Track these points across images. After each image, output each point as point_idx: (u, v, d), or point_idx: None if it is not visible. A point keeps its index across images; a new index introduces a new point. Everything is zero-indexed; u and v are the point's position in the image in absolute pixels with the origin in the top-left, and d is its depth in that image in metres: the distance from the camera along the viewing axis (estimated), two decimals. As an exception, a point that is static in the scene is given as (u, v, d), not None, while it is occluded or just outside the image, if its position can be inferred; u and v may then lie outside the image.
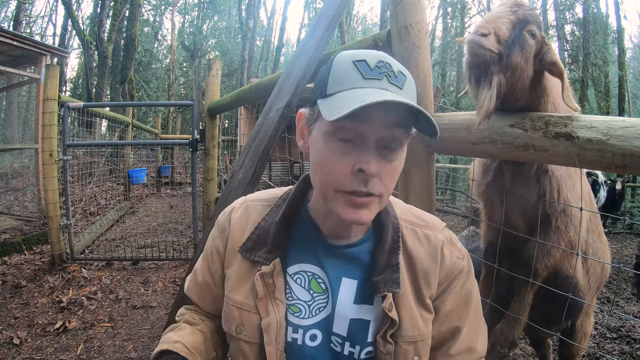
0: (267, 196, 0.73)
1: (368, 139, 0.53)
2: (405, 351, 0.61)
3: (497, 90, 0.87)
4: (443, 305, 0.65)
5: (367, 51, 0.57)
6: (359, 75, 0.54)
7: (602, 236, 1.36)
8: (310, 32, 1.64)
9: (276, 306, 0.63)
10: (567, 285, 1.14)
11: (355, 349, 0.63)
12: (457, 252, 0.68)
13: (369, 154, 0.53)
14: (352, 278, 0.64)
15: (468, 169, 4.03)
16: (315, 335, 0.64)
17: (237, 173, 1.65)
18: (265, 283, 0.63)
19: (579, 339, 1.40)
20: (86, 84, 11.73)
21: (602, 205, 5.63)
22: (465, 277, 0.67)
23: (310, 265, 0.66)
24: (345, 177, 0.54)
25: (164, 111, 16.08)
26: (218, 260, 0.71)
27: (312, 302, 0.65)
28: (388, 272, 0.62)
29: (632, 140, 0.70)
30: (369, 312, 0.64)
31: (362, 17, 26.34)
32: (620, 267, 1.07)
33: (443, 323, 0.65)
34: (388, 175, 0.56)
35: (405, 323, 0.62)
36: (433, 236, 0.67)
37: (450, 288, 0.65)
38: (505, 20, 0.87)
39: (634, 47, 22.91)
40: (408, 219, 0.69)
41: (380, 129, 0.53)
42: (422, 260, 0.65)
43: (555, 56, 0.91)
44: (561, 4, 14.12)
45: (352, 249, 0.65)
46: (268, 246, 0.65)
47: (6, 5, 14.38)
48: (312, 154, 0.60)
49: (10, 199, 5.86)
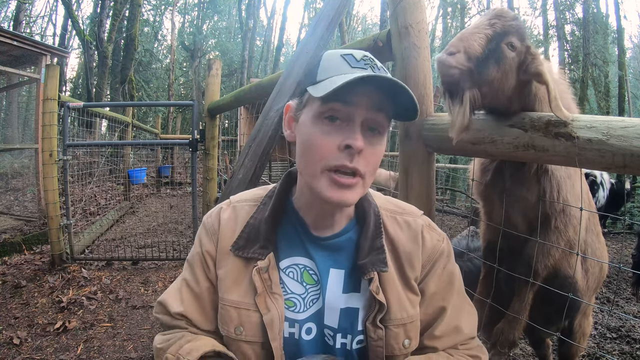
0: (251, 196, 0.74)
1: (354, 119, 0.58)
2: (396, 334, 0.63)
3: (470, 105, 0.88)
4: (427, 288, 0.69)
5: (354, 49, 0.63)
6: (347, 65, 0.59)
7: (600, 236, 1.37)
8: (310, 32, 1.64)
9: (275, 301, 0.63)
10: (567, 285, 1.15)
11: (347, 339, 0.65)
12: (437, 235, 0.71)
13: (356, 131, 0.57)
14: (339, 268, 0.66)
15: (468, 168, 4.03)
16: (310, 328, 0.65)
17: (237, 173, 1.65)
18: (262, 278, 0.63)
19: (577, 339, 1.40)
20: (86, 84, 11.73)
21: (604, 205, 5.61)
22: (446, 258, 0.71)
23: (301, 257, 0.67)
24: (332, 152, 0.58)
25: (164, 111, 16.08)
26: (212, 264, 0.69)
27: (306, 295, 0.66)
28: (373, 254, 0.64)
29: (632, 140, 0.70)
30: (358, 300, 0.65)
31: (362, 17, 26.35)
32: (620, 267, 1.07)
33: (429, 305, 0.69)
34: (372, 156, 0.59)
35: (393, 306, 0.64)
36: (413, 222, 0.71)
37: (433, 270, 0.69)
38: (479, 35, 0.87)
39: (634, 47, 22.90)
40: (387, 208, 0.72)
41: (365, 110, 0.58)
42: (404, 244, 0.68)
43: (540, 66, 0.90)
44: (561, 4, 14.12)
45: (337, 239, 0.67)
46: (260, 242, 0.66)
47: (6, 5, 14.39)
48: (299, 138, 0.63)
49: (10, 199, 5.86)
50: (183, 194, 7.86)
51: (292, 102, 0.66)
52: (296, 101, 0.65)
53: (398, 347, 0.64)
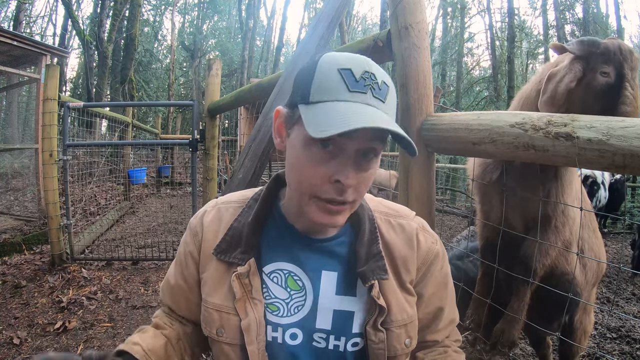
0: (238, 198, 0.73)
1: (347, 150, 0.55)
2: (398, 335, 0.64)
3: None
4: (425, 289, 0.70)
5: (353, 58, 0.56)
6: (344, 87, 0.54)
7: (596, 232, 1.40)
8: (310, 32, 1.64)
9: (254, 306, 0.63)
10: (565, 282, 1.15)
11: (341, 342, 0.64)
12: (431, 237, 0.71)
13: (348, 165, 0.55)
14: (331, 270, 0.66)
15: (467, 168, 4.02)
16: (295, 334, 0.65)
17: (237, 173, 1.65)
18: (241, 283, 0.63)
19: (579, 337, 1.40)
20: (86, 84, 11.72)
21: (605, 206, 5.60)
22: (442, 260, 0.72)
23: (286, 263, 0.66)
24: (323, 185, 0.56)
25: (164, 111, 16.08)
26: (193, 265, 0.70)
27: (290, 300, 0.65)
28: (372, 262, 0.64)
29: (632, 140, 0.70)
30: (353, 304, 0.65)
31: (362, 17, 26.34)
32: (621, 267, 1.07)
33: (428, 306, 0.71)
34: (363, 183, 0.58)
35: (394, 308, 0.64)
36: (407, 224, 0.71)
37: (430, 272, 0.70)
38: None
39: (634, 47, 22.89)
40: (381, 211, 0.72)
41: (361, 142, 0.55)
42: (399, 249, 0.68)
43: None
44: (561, 4, 14.12)
45: (330, 242, 0.67)
46: (242, 247, 0.65)
47: (6, 5, 14.39)
48: (289, 155, 0.60)
49: (10, 199, 5.86)
50: (183, 194, 7.86)
51: (282, 110, 0.61)
52: (287, 111, 0.60)
53: (400, 347, 0.65)
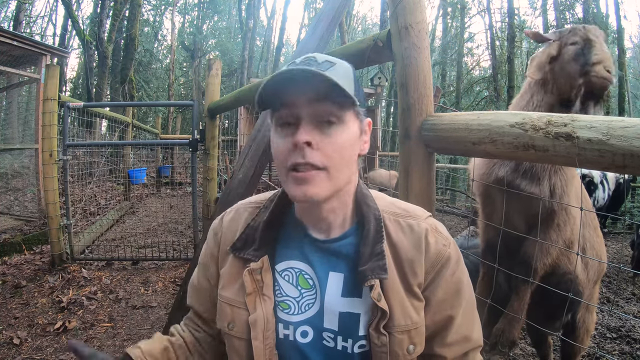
0: (256, 199, 0.77)
1: (301, 118, 0.59)
2: (400, 341, 0.62)
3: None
4: (434, 295, 0.65)
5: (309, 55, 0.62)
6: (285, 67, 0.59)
7: (597, 230, 1.41)
8: (310, 32, 1.64)
9: (263, 302, 0.65)
10: (567, 281, 1.15)
11: (348, 343, 0.64)
12: (443, 239, 0.67)
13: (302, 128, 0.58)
14: (338, 272, 0.66)
15: (468, 168, 4.03)
16: (306, 332, 0.66)
17: (237, 173, 1.65)
18: (253, 279, 0.65)
19: (581, 335, 1.40)
20: (86, 84, 11.72)
21: (605, 206, 5.60)
22: (455, 265, 0.67)
23: (298, 262, 0.68)
24: (288, 153, 0.59)
25: (164, 111, 16.08)
26: (213, 264, 0.73)
27: (301, 298, 0.66)
28: (373, 261, 0.63)
29: (632, 140, 0.70)
30: (359, 305, 0.64)
31: (362, 17, 26.37)
32: (621, 267, 1.07)
33: (436, 312, 0.65)
34: (329, 146, 0.59)
35: (396, 312, 0.62)
36: (416, 225, 0.67)
37: (440, 276, 0.65)
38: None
39: (634, 47, 22.89)
40: (391, 211, 0.70)
41: (307, 105, 0.58)
42: (406, 250, 0.65)
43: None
44: (561, 4, 14.12)
45: (337, 243, 0.67)
46: (256, 244, 0.68)
47: (6, 5, 14.39)
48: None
49: (10, 199, 5.86)
50: (183, 194, 7.86)
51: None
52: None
53: (402, 353, 0.62)
